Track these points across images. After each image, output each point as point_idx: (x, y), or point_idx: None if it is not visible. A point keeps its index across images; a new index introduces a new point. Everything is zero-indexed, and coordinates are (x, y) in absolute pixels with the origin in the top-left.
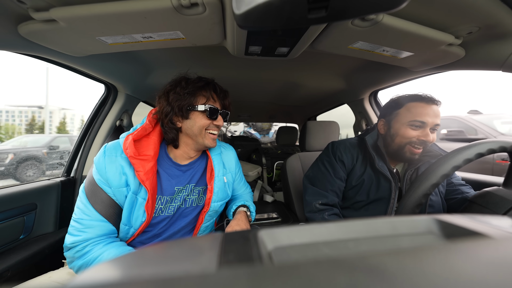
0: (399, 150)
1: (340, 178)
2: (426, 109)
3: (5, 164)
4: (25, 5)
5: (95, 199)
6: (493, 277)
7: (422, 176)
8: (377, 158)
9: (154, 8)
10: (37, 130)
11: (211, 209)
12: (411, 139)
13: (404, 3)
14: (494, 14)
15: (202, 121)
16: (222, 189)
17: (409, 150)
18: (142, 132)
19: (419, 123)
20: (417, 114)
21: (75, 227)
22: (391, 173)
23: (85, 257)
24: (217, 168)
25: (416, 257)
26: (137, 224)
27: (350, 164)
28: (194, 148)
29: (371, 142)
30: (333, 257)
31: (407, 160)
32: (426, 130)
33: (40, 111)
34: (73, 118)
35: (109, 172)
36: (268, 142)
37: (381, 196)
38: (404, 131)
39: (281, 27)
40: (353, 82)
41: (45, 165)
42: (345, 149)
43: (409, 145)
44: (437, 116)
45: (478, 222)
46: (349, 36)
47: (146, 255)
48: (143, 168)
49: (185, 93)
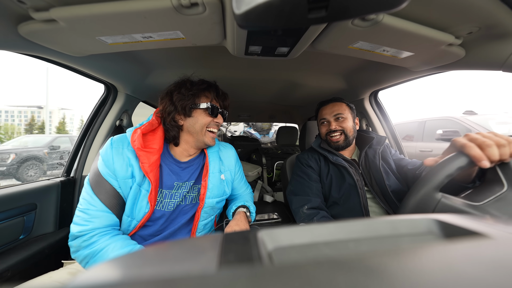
0: (327, 142)
1: (315, 181)
2: (325, 109)
3: (6, 164)
4: (25, 5)
5: (99, 190)
6: (493, 277)
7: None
8: (329, 155)
9: (154, 8)
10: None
11: (206, 205)
12: (326, 132)
13: (404, 3)
14: (494, 14)
15: (204, 118)
16: (218, 186)
17: (330, 139)
18: (149, 127)
19: (323, 121)
20: (321, 115)
21: (81, 217)
22: (348, 162)
23: (91, 247)
24: (212, 165)
25: (416, 257)
26: (139, 215)
27: (317, 166)
28: (194, 145)
29: (316, 145)
30: (333, 258)
31: (335, 147)
32: (330, 123)
33: (39, 111)
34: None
35: (116, 163)
36: (268, 142)
37: (348, 183)
38: (320, 129)
39: (281, 27)
40: (353, 82)
41: (46, 165)
42: (308, 156)
43: (328, 136)
44: (334, 111)
45: (478, 222)
46: (349, 36)
47: (147, 255)
48: (148, 160)
49: (189, 94)
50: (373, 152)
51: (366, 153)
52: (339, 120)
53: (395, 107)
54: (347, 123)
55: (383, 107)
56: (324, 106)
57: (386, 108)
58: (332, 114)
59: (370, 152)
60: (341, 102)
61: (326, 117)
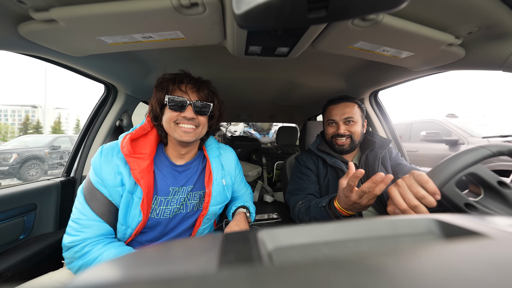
0: (331, 144)
1: (314, 182)
2: (335, 110)
3: (9, 163)
4: (25, 5)
5: (91, 198)
6: (493, 277)
7: None
8: (327, 157)
9: (154, 8)
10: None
11: (209, 212)
12: (332, 134)
13: (404, 3)
14: (494, 14)
15: (168, 114)
16: (221, 193)
17: (335, 142)
18: (141, 132)
19: (331, 122)
20: (330, 115)
21: (72, 227)
22: (346, 165)
23: (85, 257)
24: (216, 172)
25: (416, 257)
26: (133, 224)
27: (315, 168)
28: (177, 143)
29: (315, 147)
30: (333, 258)
31: (339, 151)
32: (338, 124)
33: (34, 110)
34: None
35: (104, 172)
36: (268, 142)
37: None
38: (326, 129)
39: (281, 27)
40: (353, 82)
41: (47, 164)
42: (307, 157)
43: (334, 138)
44: (344, 113)
45: (478, 222)
46: (349, 36)
47: (146, 256)
48: (138, 166)
49: (158, 89)
50: (373, 156)
51: (366, 157)
52: (348, 124)
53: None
54: (356, 127)
55: (383, 107)
56: (335, 106)
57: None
58: (342, 117)
59: (370, 156)
60: (353, 103)
61: (335, 118)
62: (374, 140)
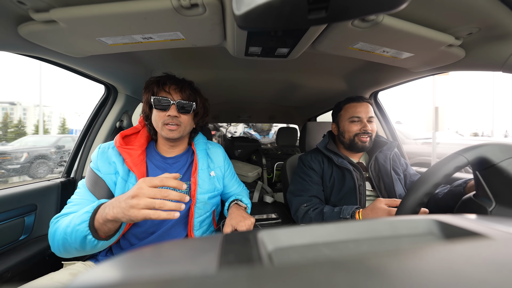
0: (352, 142)
1: (317, 183)
2: (359, 107)
3: (20, 162)
4: (25, 6)
5: (88, 180)
6: (493, 277)
7: (422, 177)
8: (334, 157)
9: (154, 8)
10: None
11: (199, 200)
12: (356, 132)
13: (404, 4)
14: (494, 15)
15: (155, 113)
16: (208, 182)
17: (359, 139)
18: (133, 130)
19: (357, 119)
20: (354, 112)
21: (65, 207)
22: (353, 165)
23: (54, 226)
24: (201, 162)
25: (416, 258)
26: None
27: (320, 168)
28: (165, 140)
29: (322, 146)
30: (333, 258)
31: (361, 149)
32: (363, 122)
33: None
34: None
35: (99, 161)
36: (268, 143)
37: (348, 187)
38: (348, 126)
39: (281, 27)
40: (353, 83)
41: (53, 162)
42: (311, 157)
43: (358, 136)
44: (368, 112)
45: (478, 223)
46: (349, 37)
47: (147, 256)
48: (130, 156)
49: (145, 91)
50: (383, 156)
51: (376, 158)
52: (371, 122)
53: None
54: (374, 127)
55: (383, 107)
56: (358, 103)
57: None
58: (367, 115)
59: (380, 157)
60: (369, 103)
61: (361, 115)
62: (383, 141)
